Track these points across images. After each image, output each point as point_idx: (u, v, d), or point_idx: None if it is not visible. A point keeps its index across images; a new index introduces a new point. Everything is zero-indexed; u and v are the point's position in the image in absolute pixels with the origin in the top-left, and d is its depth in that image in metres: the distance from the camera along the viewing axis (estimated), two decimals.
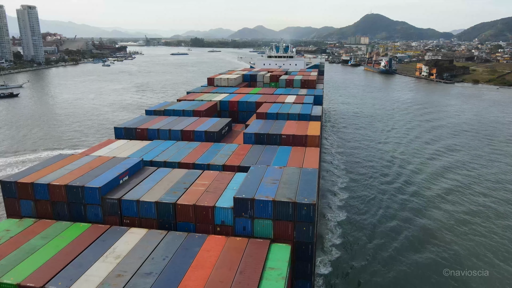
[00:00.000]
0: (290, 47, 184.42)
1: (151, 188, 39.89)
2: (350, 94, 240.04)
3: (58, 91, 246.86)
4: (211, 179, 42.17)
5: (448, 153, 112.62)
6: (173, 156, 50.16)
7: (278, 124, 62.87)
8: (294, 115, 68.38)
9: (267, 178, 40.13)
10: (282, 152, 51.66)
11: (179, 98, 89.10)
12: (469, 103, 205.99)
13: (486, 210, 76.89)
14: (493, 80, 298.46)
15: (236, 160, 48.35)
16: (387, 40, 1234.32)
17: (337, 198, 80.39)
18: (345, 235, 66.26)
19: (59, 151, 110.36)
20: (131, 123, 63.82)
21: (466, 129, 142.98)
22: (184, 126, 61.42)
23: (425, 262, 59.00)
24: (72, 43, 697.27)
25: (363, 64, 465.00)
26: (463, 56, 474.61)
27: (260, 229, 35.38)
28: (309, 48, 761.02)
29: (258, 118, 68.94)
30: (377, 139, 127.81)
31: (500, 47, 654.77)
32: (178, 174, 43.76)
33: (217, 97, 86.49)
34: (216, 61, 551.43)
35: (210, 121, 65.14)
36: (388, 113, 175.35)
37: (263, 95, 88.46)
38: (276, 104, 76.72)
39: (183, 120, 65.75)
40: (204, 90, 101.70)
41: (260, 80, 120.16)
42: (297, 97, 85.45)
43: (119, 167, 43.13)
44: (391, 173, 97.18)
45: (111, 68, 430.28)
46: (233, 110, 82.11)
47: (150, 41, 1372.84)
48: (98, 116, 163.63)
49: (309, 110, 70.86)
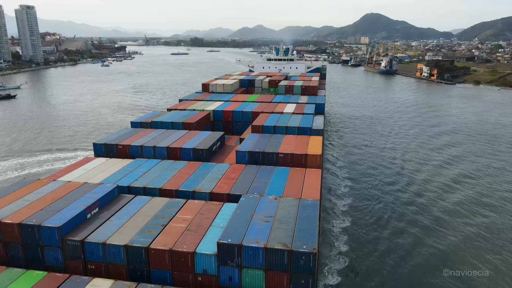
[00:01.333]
0: (290, 50, 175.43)
1: (123, 225, 33.91)
2: (350, 95, 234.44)
3: (56, 92, 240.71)
4: (195, 212, 36.26)
5: (453, 159, 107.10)
6: (155, 180, 44.10)
7: (275, 139, 56.84)
8: (293, 128, 62.45)
9: (259, 213, 34.15)
10: (279, 175, 45.63)
11: (169, 107, 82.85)
12: (472, 105, 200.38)
13: (487, 210, 75.94)
14: (495, 81, 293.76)
15: (225, 186, 42.33)
16: (387, 40, 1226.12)
17: (339, 219, 73.87)
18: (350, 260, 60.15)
19: (49, 155, 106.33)
20: (112, 139, 57.61)
21: (470, 133, 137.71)
22: (171, 142, 55.38)
23: (425, 262, 58.61)
24: (71, 42, 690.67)
25: (364, 64, 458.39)
26: (464, 56, 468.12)
27: (249, 281, 29.42)
28: (309, 48, 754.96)
29: (253, 131, 62.97)
30: (380, 144, 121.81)
31: (500, 47, 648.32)
32: (158, 205, 37.87)
33: (211, 106, 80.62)
34: (215, 61, 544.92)
35: (201, 136, 59.11)
36: (390, 116, 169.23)
37: (261, 104, 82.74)
38: (274, 115, 70.75)
39: (171, 134, 59.74)
40: (197, 97, 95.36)
41: (259, 86, 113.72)
42: (297, 106, 79.74)
43: (88, 198, 37.18)
44: (390, 172, 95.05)
45: (110, 69, 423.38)
46: (227, 121, 76.36)
47: (150, 41, 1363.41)
48: (95, 119, 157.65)
49: (310, 122, 65.07)
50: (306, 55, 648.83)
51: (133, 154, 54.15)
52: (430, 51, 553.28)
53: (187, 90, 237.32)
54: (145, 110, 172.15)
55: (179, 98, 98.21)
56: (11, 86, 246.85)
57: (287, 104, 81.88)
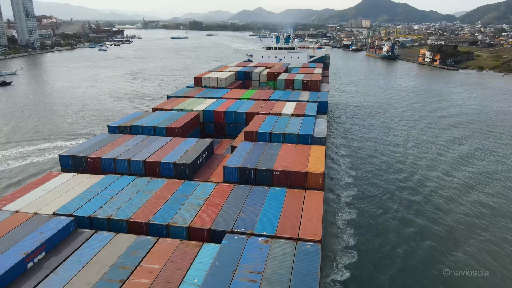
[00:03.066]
0: (291, 38, 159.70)
1: (70, 280, 26.61)
2: (351, 82, 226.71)
3: (52, 79, 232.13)
4: (166, 258, 29.01)
5: (457, 157, 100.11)
6: (123, 208, 36.63)
7: (270, 150, 49.20)
8: (292, 136, 54.38)
9: (244, 267, 26.89)
10: (273, 199, 38.15)
11: (154, 106, 73.35)
12: (475, 92, 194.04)
13: (487, 210, 73.02)
14: (498, 66, 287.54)
15: (207, 218, 34.81)
16: (388, 23, 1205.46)
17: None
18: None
19: (49, 143, 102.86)
20: (81, 149, 49.66)
21: (477, 125, 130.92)
22: (149, 154, 47.68)
23: (425, 262, 57.27)
24: (68, 26, 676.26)
25: (365, 49, 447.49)
26: (467, 40, 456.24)
27: None
28: (309, 31, 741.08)
29: (246, 139, 55.12)
30: (385, 139, 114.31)
31: (503, 30, 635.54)
32: (121, 245, 30.62)
33: (201, 105, 72.39)
34: (214, 46, 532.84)
35: (186, 144, 51.34)
36: (394, 106, 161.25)
37: (257, 102, 74.33)
38: (271, 117, 62.73)
39: (152, 143, 52.04)
40: (188, 93, 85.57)
41: (256, 79, 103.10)
42: (297, 105, 71.35)
43: (34, 238, 29.90)
44: (391, 171, 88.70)
45: (107, 53, 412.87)
46: (219, 122, 68.34)
47: (148, 24, 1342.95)
48: (92, 107, 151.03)
49: (311, 128, 57.00)
50: (307, 39, 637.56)
51: (104, 169, 46.61)
52: (432, 35, 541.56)
53: (185, 77, 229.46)
54: (143, 98, 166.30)
55: (168, 94, 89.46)
56: (7, 73, 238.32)
57: (286, 103, 73.57)
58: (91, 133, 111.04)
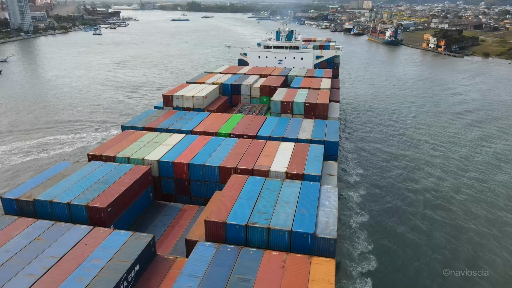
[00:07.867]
0: (294, 33, 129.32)
1: None
2: (352, 69, 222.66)
3: (45, 67, 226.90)
4: None
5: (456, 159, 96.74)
6: None
7: (242, 264, 31.19)
8: (281, 233, 33.56)
9: None
10: None
11: (90, 152, 51.00)
12: (483, 83, 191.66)
13: (487, 210, 73.22)
14: (505, 53, 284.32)
15: None
16: (390, 4, 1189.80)
17: None
18: None
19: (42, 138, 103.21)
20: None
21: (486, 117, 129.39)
22: (34, 280, 27.93)
23: (425, 262, 57.87)
24: (63, 7, 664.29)
25: (367, 33, 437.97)
26: (471, 23, 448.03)
27: None
28: (310, 14, 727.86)
29: (210, 236, 34.82)
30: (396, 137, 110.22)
31: (508, 12, 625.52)
32: None
33: (157, 151, 50.89)
34: (212, 29, 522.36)
35: (107, 246, 32.03)
36: (402, 98, 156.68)
37: (239, 143, 53.79)
38: (254, 180, 42.12)
39: (53, 243, 32.41)
40: (148, 122, 63.38)
41: (247, 93, 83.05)
42: (296, 151, 50.99)
43: None
44: (392, 170, 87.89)
45: (102, 38, 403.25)
46: (181, 178, 48.51)
47: (145, 5, 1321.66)
48: (84, 100, 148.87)
49: (314, 216, 35.41)
50: (307, 22, 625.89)
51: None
52: (435, 18, 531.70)
53: (178, 67, 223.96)
54: (140, 87, 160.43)
55: (122, 123, 72.27)
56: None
57: (280, 144, 52.95)
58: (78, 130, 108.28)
